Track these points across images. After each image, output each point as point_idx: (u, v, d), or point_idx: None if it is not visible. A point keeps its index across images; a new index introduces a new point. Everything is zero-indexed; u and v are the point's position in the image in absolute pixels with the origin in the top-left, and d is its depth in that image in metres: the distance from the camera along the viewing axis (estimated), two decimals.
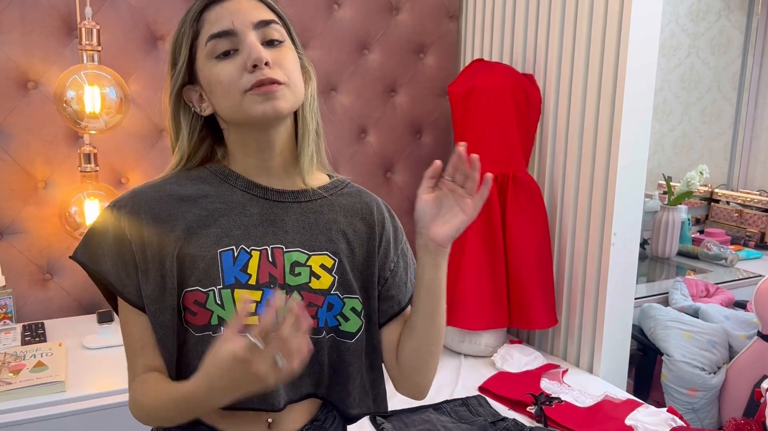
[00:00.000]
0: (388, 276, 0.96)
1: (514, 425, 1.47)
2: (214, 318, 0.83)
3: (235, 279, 0.84)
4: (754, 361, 1.85)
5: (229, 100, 0.82)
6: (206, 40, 0.83)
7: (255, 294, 0.84)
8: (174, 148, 0.91)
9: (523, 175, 1.90)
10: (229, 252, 0.85)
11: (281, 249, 0.87)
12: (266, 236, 0.87)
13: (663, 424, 1.48)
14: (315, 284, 0.88)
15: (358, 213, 0.95)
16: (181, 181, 0.89)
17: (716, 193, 3.25)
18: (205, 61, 0.84)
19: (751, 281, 2.52)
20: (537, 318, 1.85)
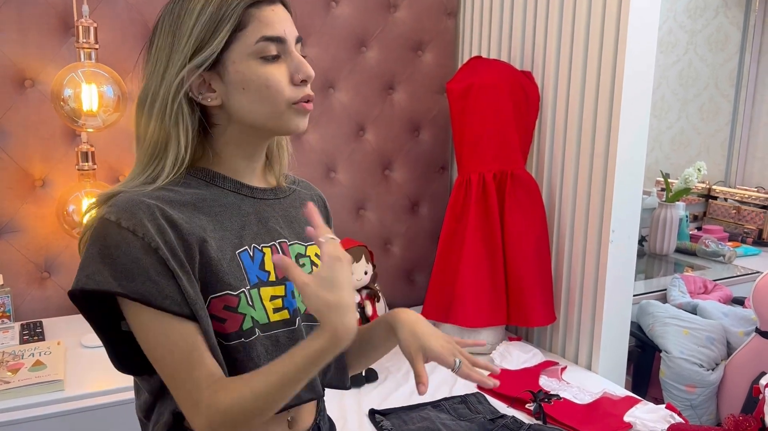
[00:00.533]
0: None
1: (513, 422, 1.47)
2: (246, 322, 0.82)
3: (257, 278, 0.85)
4: (753, 358, 1.85)
5: (270, 107, 0.82)
6: (257, 39, 0.80)
7: (279, 290, 0.86)
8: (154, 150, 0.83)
9: (521, 173, 1.90)
10: (245, 252, 0.85)
11: (286, 242, 0.90)
12: (267, 233, 0.89)
13: (661, 421, 1.48)
14: (312, 270, 0.91)
15: (316, 203, 0.99)
16: (170, 188, 0.82)
17: (714, 190, 3.26)
18: (247, 58, 0.81)
19: (749, 278, 2.53)
20: (535, 316, 1.85)
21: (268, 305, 0.84)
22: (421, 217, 2.32)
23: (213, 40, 0.79)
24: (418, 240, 2.33)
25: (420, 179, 2.29)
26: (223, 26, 0.79)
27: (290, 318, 0.87)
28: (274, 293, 0.85)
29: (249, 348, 0.81)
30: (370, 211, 2.21)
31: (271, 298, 0.85)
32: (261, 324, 0.83)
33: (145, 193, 0.80)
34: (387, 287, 2.24)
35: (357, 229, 2.18)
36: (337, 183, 2.13)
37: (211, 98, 0.83)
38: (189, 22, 0.80)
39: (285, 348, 0.80)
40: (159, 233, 0.77)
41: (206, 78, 0.82)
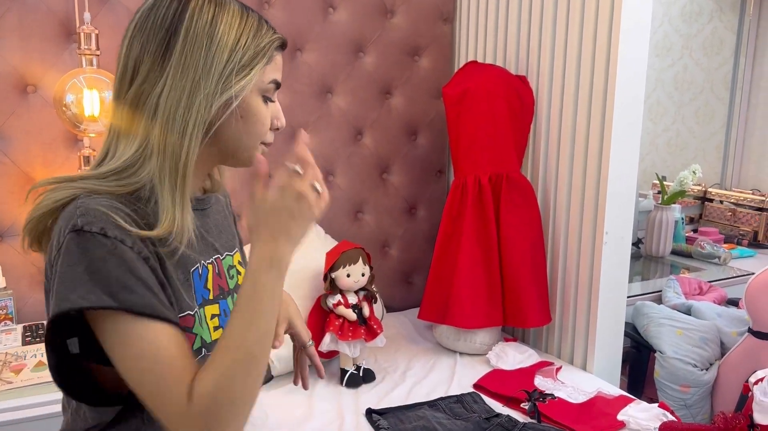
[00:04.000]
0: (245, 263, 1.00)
1: (508, 421, 1.49)
2: (197, 342, 0.81)
3: (202, 298, 0.85)
4: (745, 357, 1.87)
5: (253, 141, 0.84)
6: (270, 80, 0.83)
7: (215, 308, 0.87)
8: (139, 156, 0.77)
9: (516, 176, 1.92)
10: (196, 270, 0.85)
11: (220, 257, 0.91)
12: (208, 248, 0.89)
13: (654, 419, 1.50)
14: (240, 280, 0.93)
15: (227, 207, 1.02)
16: (124, 201, 0.77)
17: (710, 192, 3.28)
18: (256, 92, 0.82)
19: (743, 279, 2.55)
20: (531, 317, 1.88)
21: (210, 324, 0.84)
22: (419, 220, 2.35)
23: (251, 70, 0.80)
24: (415, 243, 2.35)
25: (417, 182, 2.31)
26: (259, 60, 0.81)
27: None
28: (213, 311, 0.86)
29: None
30: (368, 214, 2.24)
31: (211, 317, 0.85)
32: (207, 343, 0.83)
33: (107, 205, 0.74)
34: (384, 289, 2.26)
35: (355, 232, 2.21)
36: (336, 187, 2.16)
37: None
38: (224, 30, 0.78)
39: None
40: (143, 243, 0.74)
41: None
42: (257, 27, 0.81)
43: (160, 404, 0.72)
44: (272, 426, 1.49)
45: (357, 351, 1.74)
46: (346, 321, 1.72)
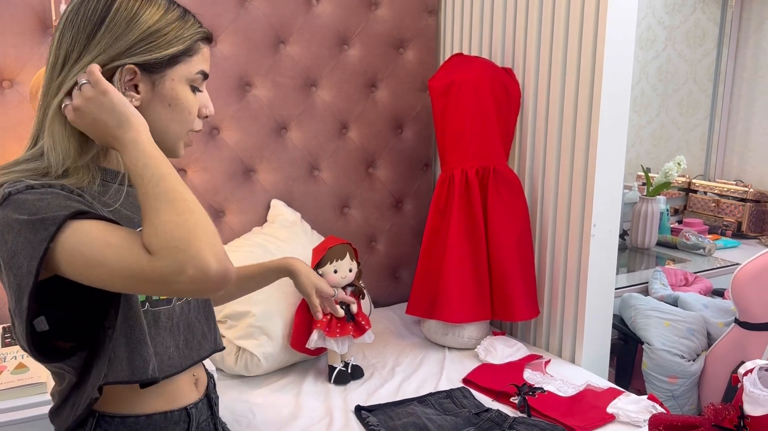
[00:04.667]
0: None
1: (498, 416, 1.49)
2: (142, 296, 0.91)
3: None
4: (732, 348, 1.88)
5: (179, 128, 0.91)
6: (198, 71, 0.91)
7: None
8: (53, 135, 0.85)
9: (503, 169, 1.91)
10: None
11: None
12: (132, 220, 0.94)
13: (644, 411, 1.50)
14: None
15: None
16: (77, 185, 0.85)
17: (694, 184, 3.30)
18: (183, 82, 0.90)
19: (728, 269, 2.57)
20: (519, 310, 1.87)
21: None
22: (406, 214, 2.33)
23: (165, 48, 0.87)
24: (402, 237, 2.33)
25: (404, 176, 2.30)
26: (178, 43, 0.88)
27: (170, 298, 0.95)
28: None
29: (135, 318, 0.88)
30: (355, 209, 2.22)
31: None
32: (151, 300, 0.92)
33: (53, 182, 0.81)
34: (372, 284, 2.24)
35: (342, 227, 2.19)
36: (321, 181, 2.13)
37: (134, 98, 0.87)
38: (146, 18, 0.85)
39: (163, 325, 0.93)
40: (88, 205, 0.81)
41: (137, 79, 0.87)
42: (181, 18, 0.89)
43: (130, 271, 0.75)
44: (259, 425, 1.47)
45: (345, 347, 1.72)
46: (333, 318, 1.70)
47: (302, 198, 2.08)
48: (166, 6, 0.88)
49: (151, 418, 0.93)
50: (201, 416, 1.01)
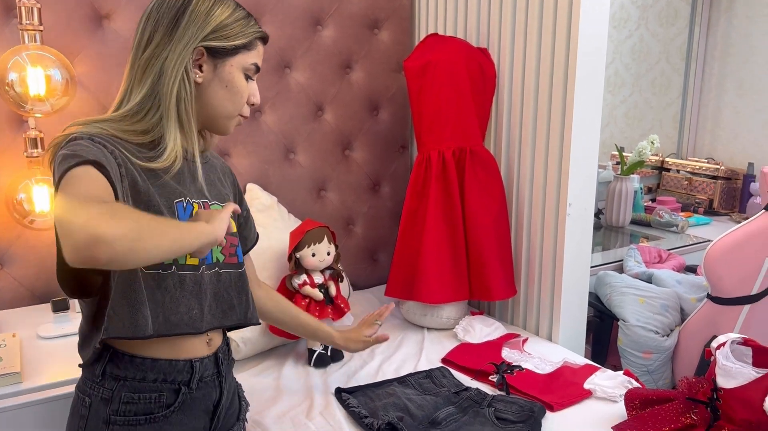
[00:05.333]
0: (243, 222, 1.28)
1: (477, 394, 1.50)
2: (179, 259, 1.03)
3: None
4: (705, 323, 1.92)
5: (231, 108, 1.09)
6: (252, 62, 1.09)
7: None
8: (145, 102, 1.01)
9: (480, 149, 1.91)
10: (180, 203, 1.04)
11: (208, 202, 1.11)
12: (195, 191, 1.09)
13: (620, 386, 1.53)
14: (231, 228, 1.15)
15: (225, 172, 1.24)
16: (127, 143, 1.00)
17: (667, 162, 3.34)
18: (239, 69, 1.08)
19: (700, 246, 2.61)
20: (497, 290, 1.88)
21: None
22: (383, 197, 2.33)
23: (231, 40, 1.06)
24: (380, 220, 2.33)
25: (380, 158, 2.29)
26: (242, 38, 1.07)
27: (198, 264, 1.07)
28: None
29: (160, 279, 1.01)
30: (332, 192, 2.21)
31: None
32: (178, 263, 1.04)
33: (108, 138, 0.96)
34: (350, 267, 2.24)
35: (318, 210, 2.18)
36: (297, 164, 2.11)
37: (198, 75, 1.05)
38: (219, 14, 1.05)
39: (188, 288, 1.05)
40: (125, 173, 0.94)
41: (203, 60, 1.04)
42: (245, 18, 1.08)
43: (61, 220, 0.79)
44: None
45: None
46: (312, 301, 1.70)
47: (278, 181, 2.06)
48: (234, 6, 1.08)
49: (157, 362, 1.03)
50: (206, 371, 1.10)
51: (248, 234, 1.31)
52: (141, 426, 1.02)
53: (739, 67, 3.21)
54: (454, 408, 1.45)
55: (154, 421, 1.03)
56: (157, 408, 1.04)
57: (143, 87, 1.01)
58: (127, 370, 1.02)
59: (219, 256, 1.12)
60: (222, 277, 1.12)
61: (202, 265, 1.08)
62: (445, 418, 1.41)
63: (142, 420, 1.02)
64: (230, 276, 1.14)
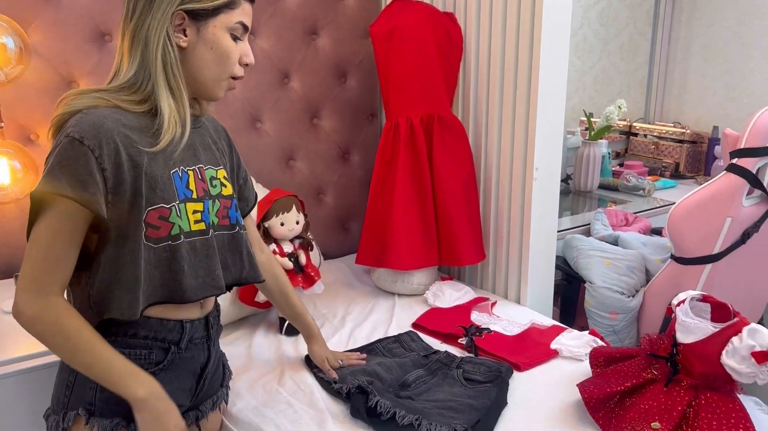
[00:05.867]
0: (242, 183, 1.30)
1: (446, 357, 1.52)
2: (174, 229, 1.04)
3: (184, 195, 1.07)
4: (669, 283, 1.97)
5: (219, 71, 1.08)
6: (236, 21, 1.07)
7: (199, 206, 1.09)
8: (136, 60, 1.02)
9: (447, 115, 1.91)
10: (176, 172, 1.06)
11: (203, 167, 1.13)
12: (191, 158, 1.10)
13: (585, 346, 1.57)
14: (225, 191, 1.16)
15: (219, 134, 1.24)
16: (126, 113, 1.02)
17: (634, 127, 3.38)
18: (224, 29, 1.06)
19: (666, 209, 2.66)
20: (466, 255, 1.90)
21: (191, 217, 1.07)
22: (353, 165, 2.32)
23: (209, 0, 1.03)
24: (350, 189, 2.33)
25: (349, 126, 2.27)
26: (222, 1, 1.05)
27: (205, 228, 1.10)
28: (195, 208, 1.08)
29: (174, 249, 1.04)
30: (300, 161, 2.19)
31: (193, 212, 1.08)
32: (185, 231, 1.06)
33: (105, 115, 0.98)
34: (321, 237, 2.24)
35: (287, 179, 2.16)
36: (264, 133, 2.09)
37: (182, 40, 1.04)
38: None
39: (200, 251, 1.09)
40: (113, 153, 0.96)
41: (185, 24, 1.04)
42: None
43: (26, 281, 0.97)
44: None
45: None
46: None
47: (245, 151, 2.04)
48: None
49: (149, 320, 1.06)
50: (195, 332, 1.14)
51: (248, 195, 1.33)
52: None
53: (704, 31, 3.23)
54: (423, 371, 1.47)
55: None
56: (147, 364, 1.06)
57: (134, 58, 1.02)
58: (119, 326, 1.04)
59: (213, 219, 1.13)
60: (217, 239, 1.14)
61: (210, 228, 1.11)
62: (414, 381, 1.43)
63: None
64: (223, 238, 1.16)
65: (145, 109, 1.04)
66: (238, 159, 1.29)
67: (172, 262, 1.04)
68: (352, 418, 1.31)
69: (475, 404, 1.34)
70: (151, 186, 1.01)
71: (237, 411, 1.35)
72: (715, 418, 1.13)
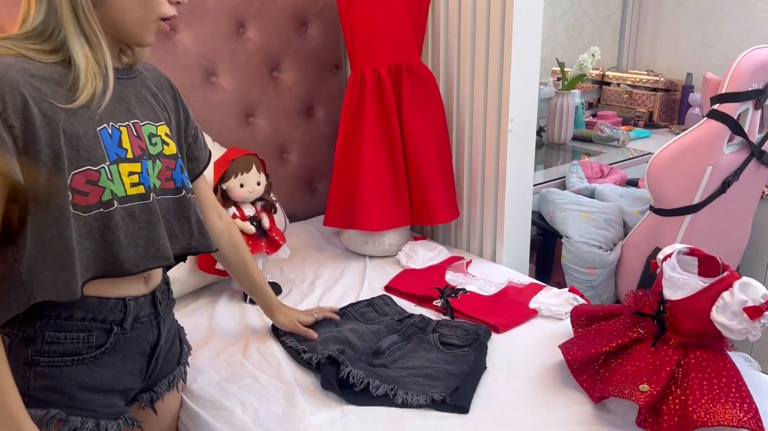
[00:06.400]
0: (192, 141, 1.17)
1: (421, 320, 1.45)
2: (106, 194, 0.92)
3: (116, 155, 0.94)
4: (647, 235, 1.91)
5: (140, 11, 0.93)
6: None
7: (135, 166, 0.96)
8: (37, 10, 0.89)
9: (417, 65, 1.79)
10: (104, 129, 0.93)
11: (138, 123, 1.00)
12: (123, 112, 0.97)
13: (565, 304, 1.50)
14: (167, 150, 1.03)
15: (162, 85, 1.10)
16: (37, 58, 0.89)
17: (607, 76, 3.29)
18: None
19: (641, 159, 2.61)
20: (439, 213, 1.82)
21: (125, 180, 0.95)
22: (318, 121, 2.19)
23: None
24: (315, 146, 2.20)
25: (312, 80, 2.14)
26: None
27: (145, 192, 0.98)
28: (131, 169, 0.96)
29: (106, 217, 0.92)
30: (261, 118, 2.05)
31: (128, 174, 0.95)
32: (119, 196, 0.94)
33: (12, 64, 0.85)
34: (286, 198, 2.13)
35: (247, 138, 2.03)
36: (220, 88, 1.94)
37: None
38: None
39: (140, 218, 0.97)
40: (21, 107, 0.83)
41: None
42: None
43: None
44: None
45: (259, 265, 1.61)
46: (244, 235, 1.58)
47: (200, 107, 1.90)
48: None
49: (86, 299, 0.94)
50: (141, 310, 1.03)
51: (199, 155, 1.20)
52: (68, 368, 0.95)
53: None
54: (397, 337, 1.39)
55: (83, 362, 0.96)
56: (86, 348, 0.96)
57: (41, 2, 0.89)
58: (51, 308, 0.92)
59: (155, 182, 1.00)
60: (160, 204, 1.02)
61: (151, 192, 0.99)
62: (388, 347, 1.36)
63: (68, 362, 0.95)
64: (168, 203, 1.04)
65: (58, 59, 0.90)
66: (187, 114, 1.17)
67: (105, 232, 0.92)
68: (323, 390, 1.23)
69: (453, 370, 1.27)
70: (72, 146, 0.88)
71: (198, 388, 1.25)
72: (705, 377, 1.07)
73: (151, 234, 0.99)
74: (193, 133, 1.18)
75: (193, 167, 1.19)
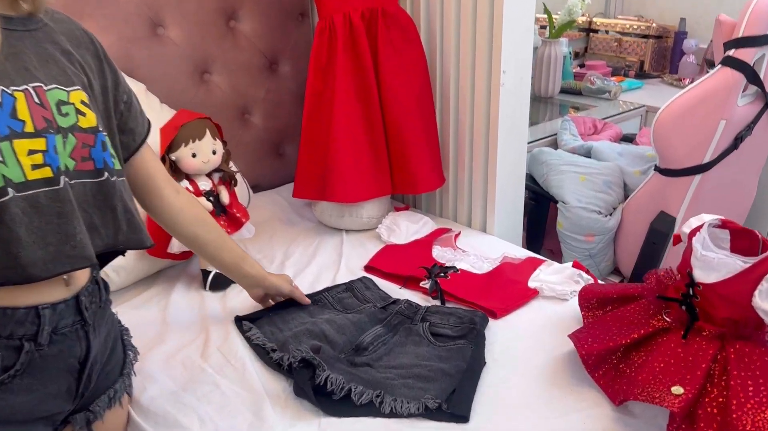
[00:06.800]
0: (124, 109, 0.97)
1: (408, 307, 1.26)
2: None
3: (9, 129, 0.75)
4: (651, 197, 1.74)
5: None
6: None
7: (38, 143, 0.77)
8: None
9: (394, 9, 1.56)
10: None
11: (42, 87, 0.80)
12: (18, 73, 0.78)
13: (569, 281, 1.33)
14: (83, 122, 0.83)
15: (81, 42, 0.91)
16: None
17: (594, 23, 3.08)
18: None
19: (635, 113, 2.43)
20: (423, 180, 1.62)
21: (24, 161, 0.76)
22: (283, 77, 1.95)
23: None
24: (282, 106, 1.97)
25: (275, 30, 1.89)
26: None
27: (53, 176, 0.78)
28: (32, 147, 0.76)
29: (1, 211, 0.73)
30: (217, 75, 1.81)
31: (28, 153, 0.76)
32: (15, 182, 0.75)
33: None
34: (249, 166, 1.90)
35: (202, 98, 1.79)
36: (168, 41, 1.69)
37: None
38: None
39: (47, 210, 0.77)
40: None
41: None
42: None
43: None
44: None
45: None
46: None
47: (146, 64, 1.65)
48: None
49: None
50: (61, 319, 0.84)
51: (134, 126, 1.00)
52: None
53: None
54: (381, 328, 1.21)
55: None
56: None
57: None
58: None
59: (67, 162, 0.80)
60: (75, 190, 0.81)
61: (61, 175, 0.79)
62: (372, 341, 1.17)
63: None
64: (85, 189, 0.83)
65: None
66: (116, 76, 0.96)
67: (0, 227, 0.73)
68: (297, 398, 1.05)
69: (448, 368, 1.09)
70: None
71: (148, 401, 1.06)
72: (750, 376, 0.90)
73: (63, 229, 0.79)
74: (125, 99, 0.97)
75: (128, 141, 0.99)
